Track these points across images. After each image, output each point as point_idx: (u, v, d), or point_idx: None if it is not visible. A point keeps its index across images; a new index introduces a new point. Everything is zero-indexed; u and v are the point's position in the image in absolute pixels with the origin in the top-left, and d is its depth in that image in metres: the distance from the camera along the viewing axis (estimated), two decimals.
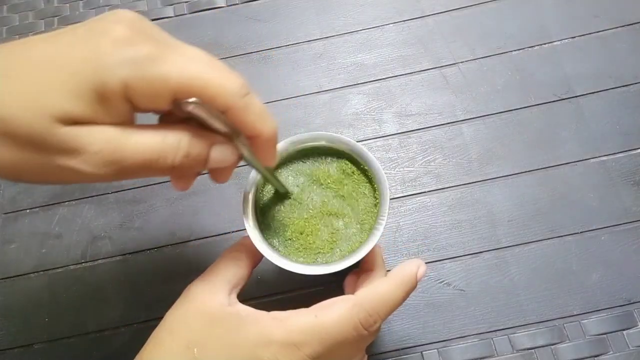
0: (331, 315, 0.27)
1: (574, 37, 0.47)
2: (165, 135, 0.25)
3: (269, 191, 0.34)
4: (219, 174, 0.30)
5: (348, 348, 0.28)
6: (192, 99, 0.24)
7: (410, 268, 0.30)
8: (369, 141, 0.45)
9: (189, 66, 0.24)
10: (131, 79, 0.23)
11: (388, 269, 0.40)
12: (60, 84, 0.23)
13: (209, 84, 0.24)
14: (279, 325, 0.27)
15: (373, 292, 0.29)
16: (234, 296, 0.29)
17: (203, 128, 0.26)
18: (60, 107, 0.23)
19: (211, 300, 0.28)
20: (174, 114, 0.26)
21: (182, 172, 0.28)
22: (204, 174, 0.31)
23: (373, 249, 0.31)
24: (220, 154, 0.27)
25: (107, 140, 0.24)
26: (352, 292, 0.30)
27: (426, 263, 0.40)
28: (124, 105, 0.24)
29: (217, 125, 0.26)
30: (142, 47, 0.23)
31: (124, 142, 0.24)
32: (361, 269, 0.33)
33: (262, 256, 0.32)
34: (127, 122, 0.25)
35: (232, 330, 0.27)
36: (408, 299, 0.30)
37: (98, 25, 0.24)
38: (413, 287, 0.30)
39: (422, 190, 0.43)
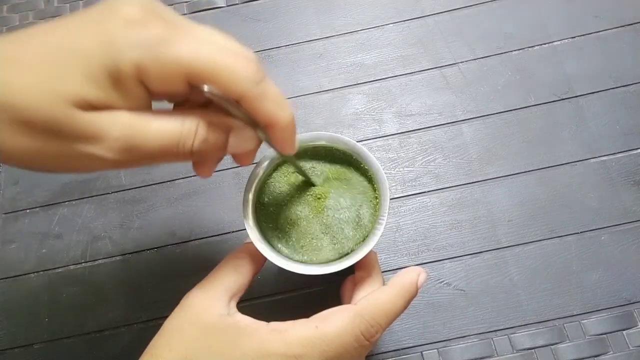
0: (332, 326, 0.27)
1: (574, 37, 0.47)
2: (183, 120, 0.25)
3: (269, 191, 0.34)
4: (242, 158, 0.30)
5: (349, 359, 0.27)
6: (206, 86, 0.24)
7: (410, 276, 0.29)
8: (369, 141, 0.45)
9: (200, 49, 0.23)
10: (144, 61, 0.22)
11: (387, 269, 0.41)
12: (73, 69, 0.22)
13: (220, 70, 0.23)
14: (278, 338, 0.26)
15: (374, 302, 0.28)
16: (233, 305, 0.29)
17: (222, 113, 0.26)
18: (77, 92, 0.22)
19: (209, 309, 0.28)
20: (190, 101, 0.26)
21: (201, 158, 0.27)
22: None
23: (369, 254, 0.31)
24: (240, 140, 0.27)
25: (127, 126, 0.23)
26: (350, 300, 0.30)
27: (426, 263, 0.41)
28: (138, 90, 0.24)
29: (235, 112, 0.25)
30: (153, 28, 0.23)
31: (143, 127, 0.24)
32: (356, 275, 0.32)
33: (263, 263, 0.31)
34: (144, 107, 0.24)
35: (230, 342, 0.27)
36: None
37: (108, 7, 0.23)
38: (414, 296, 0.29)
39: (422, 190, 0.43)
